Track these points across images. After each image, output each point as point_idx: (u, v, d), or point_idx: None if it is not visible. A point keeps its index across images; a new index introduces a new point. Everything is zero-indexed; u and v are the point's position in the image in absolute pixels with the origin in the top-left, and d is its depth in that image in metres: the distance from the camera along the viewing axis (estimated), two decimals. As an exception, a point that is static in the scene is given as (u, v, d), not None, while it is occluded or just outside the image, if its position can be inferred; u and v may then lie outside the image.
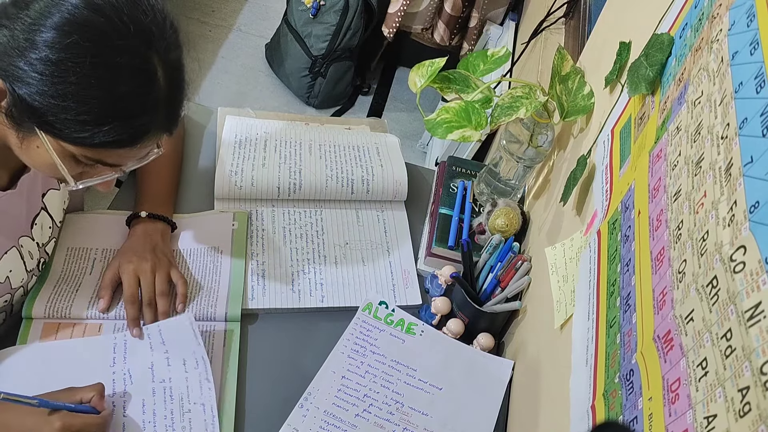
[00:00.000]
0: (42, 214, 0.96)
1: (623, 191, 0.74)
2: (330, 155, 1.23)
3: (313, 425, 0.92)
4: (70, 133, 0.71)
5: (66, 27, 0.66)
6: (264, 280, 1.08)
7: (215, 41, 2.81)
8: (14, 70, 0.68)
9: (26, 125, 0.72)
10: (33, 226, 0.94)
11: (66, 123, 0.70)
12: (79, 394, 0.84)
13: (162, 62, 0.73)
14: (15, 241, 0.90)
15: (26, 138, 0.74)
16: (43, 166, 0.77)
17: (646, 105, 0.75)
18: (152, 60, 0.72)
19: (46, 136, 0.72)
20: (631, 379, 0.60)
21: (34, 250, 0.95)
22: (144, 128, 0.75)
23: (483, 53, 1.08)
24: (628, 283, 0.66)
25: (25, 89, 0.68)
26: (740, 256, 0.46)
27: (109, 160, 0.77)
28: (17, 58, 0.67)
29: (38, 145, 0.74)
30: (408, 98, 2.80)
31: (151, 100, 0.73)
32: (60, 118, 0.69)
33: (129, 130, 0.74)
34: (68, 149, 0.74)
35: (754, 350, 0.42)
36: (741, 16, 0.56)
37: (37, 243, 0.95)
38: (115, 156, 0.77)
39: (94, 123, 0.70)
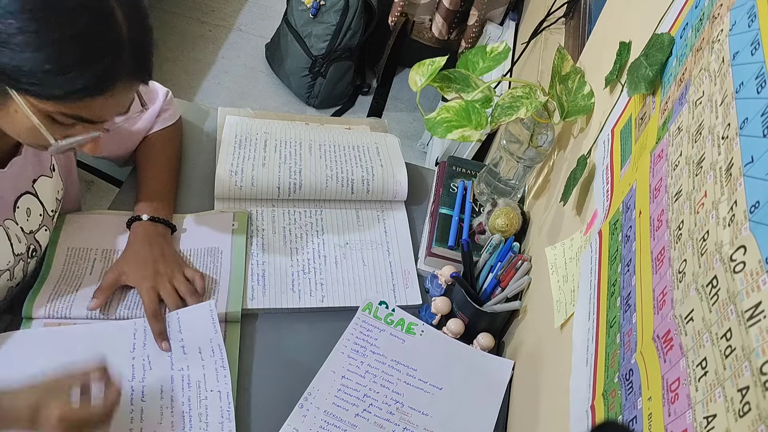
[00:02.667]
0: (28, 197, 0.95)
1: (624, 191, 0.74)
2: (330, 155, 1.23)
3: (313, 425, 0.92)
4: (39, 87, 0.71)
5: None
6: (264, 280, 1.08)
7: (215, 41, 2.81)
8: None
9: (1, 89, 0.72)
10: (15, 209, 0.93)
11: (32, 76, 0.70)
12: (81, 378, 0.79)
13: (118, 3, 0.73)
14: (1, 221, 0.90)
15: (4, 104, 0.74)
16: (24, 132, 0.77)
17: (646, 105, 0.75)
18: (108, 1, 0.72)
19: (20, 96, 0.72)
20: (630, 378, 0.60)
21: (20, 235, 0.94)
22: (109, 72, 0.74)
23: (482, 49, 1.07)
24: (629, 283, 0.66)
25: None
26: (740, 255, 0.46)
27: (87, 115, 0.77)
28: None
29: (16, 109, 0.74)
30: (408, 98, 2.80)
31: (111, 41, 0.73)
32: (26, 72, 0.69)
33: (95, 76, 0.73)
34: (44, 109, 0.74)
35: (753, 350, 0.42)
36: (742, 17, 0.56)
37: (21, 227, 0.94)
38: (91, 108, 0.76)
39: (58, 71, 0.70)
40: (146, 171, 1.12)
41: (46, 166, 0.99)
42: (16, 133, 0.79)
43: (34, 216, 0.97)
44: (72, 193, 1.11)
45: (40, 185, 0.98)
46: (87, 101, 0.75)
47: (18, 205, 0.93)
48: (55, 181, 1.02)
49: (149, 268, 0.99)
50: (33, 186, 0.96)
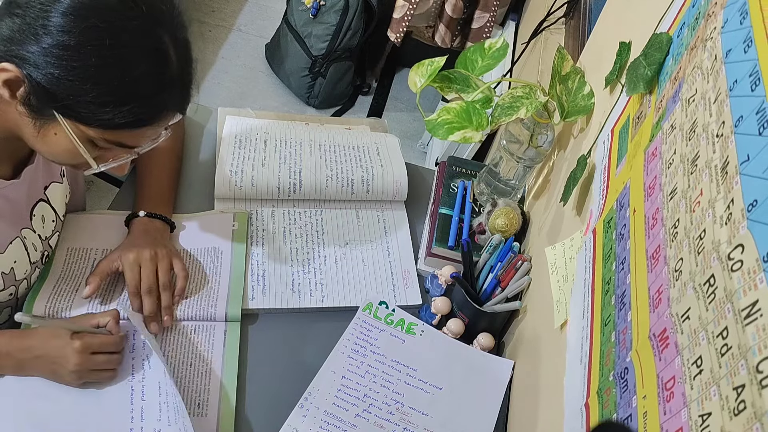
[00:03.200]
0: (42, 205, 0.96)
1: (619, 189, 0.74)
2: (330, 155, 1.23)
3: (313, 425, 0.92)
4: (92, 116, 0.73)
5: (80, 10, 0.68)
6: (264, 280, 1.08)
7: (215, 41, 2.82)
8: (30, 57, 0.68)
9: (45, 112, 0.73)
10: (32, 217, 0.94)
11: (87, 106, 0.71)
12: (96, 319, 0.90)
13: (172, 40, 0.75)
14: (18, 231, 0.91)
15: (44, 126, 0.75)
16: (61, 153, 0.79)
17: (643, 104, 0.75)
18: (164, 38, 0.74)
19: (66, 121, 0.73)
20: (625, 377, 0.60)
21: (37, 242, 0.96)
22: (162, 106, 0.77)
23: (480, 47, 1.07)
24: (623, 281, 0.66)
25: (43, 75, 0.69)
26: (738, 254, 0.46)
27: (127, 141, 0.79)
28: (33, 45, 0.68)
29: (56, 132, 0.75)
30: (408, 98, 2.81)
31: (166, 78, 0.76)
32: (81, 102, 0.71)
33: (148, 109, 0.76)
34: (87, 133, 0.75)
35: (750, 348, 0.42)
36: (734, 14, 0.56)
37: (38, 235, 0.96)
38: (134, 136, 0.79)
39: (115, 104, 0.72)
40: (146, 170, 1.13)
41: (56, 173, 1.00)
42: (52, 154, 0.81)
43: (48, 222, 0.99)
44: (78, 196, 1.12)
45: (52, 191, 0.99)
46: (135, 131, 0.78)
47: (34, 213, 0.95)
48: (64, 186, 1.03)
49: (136, 246, 1.00)
50: (45, 193, 0.97)
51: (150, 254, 0.98)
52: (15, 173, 0.90)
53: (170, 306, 0.99)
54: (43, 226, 0.97)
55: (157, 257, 0.99)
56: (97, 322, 0.90)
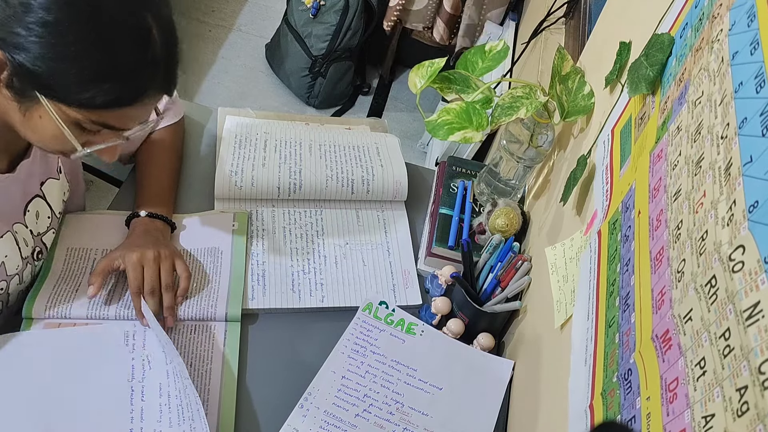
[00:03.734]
0: (37, 201, 0.96)
1: (624, 191, 0.74)
2: (330, 155, 1.23)
3: (313, 425, 0.92)
4: (73, 96, 0.72)
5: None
6: (264, 280, 1.08)
7: (215, 41, 2.81)
8: (12, 38, 0.68)
9: (28, 94, 0.72)
10: (26, 213, 0.94)
11: (68, 85, 0.71)
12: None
13: (155, 20, 0.74)
14: (10, 226, 0.91)
15: (29, 110, 0.75)
16: (48, 138, 0.78)
17: (646, 105, 0.75)
18: (146, 17, 0.73)
19: (50, 103, 0.73)
20: (629, 378, 0.60)
21: (28, 237, 0.95)
22: (143, 85, 0.77)
23: (481, 49, 1.07)
24: (628, 282, 0.66)
25: (25, 55, 0.68)
26: (739, 255, 0.46)
27: (113, 122, 0.78)
28: (14, 25, 0.68)
29: (41, 115, 0.75)
30: (408, 98, 2.80)
31: (148, 57, 0.75)
32: (61, 81, 0.70)
33: (129, 88, 0.75)
34: (71, 115, 0.75)
35: (752, 349, 0.42)
36: (741, 16, 0.56)
37: (30, 230, 0.95)
38: (119, 117, 0.78)
39: (95, 82, 0.71)
40: (147, 169, 1.12)
41: (53, 169, 0.99)
42: (39, 139, 0.80)
43: (43, 218, 0.98)
44: (78, 194, 1.12)
45: (48, 187, 0.98)
46: (117, 111, 0.77)
47: (28, 208, 0.94)
48: (61, 182, 1.02)
49: (139, 245, 0.99)
50: (41, 189, 0.97)
51: (153, 255, 0.98)
52: (10, 167, 0.90)
53: (173, 306, 0.98)
54: (37, 222, 0.96)
55: (160, 257, 0.98)
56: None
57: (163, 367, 0.93)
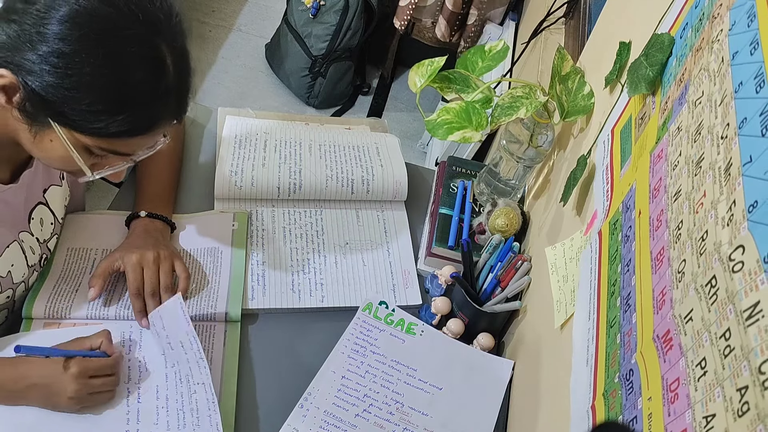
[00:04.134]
0: (40, 208, 0.96)
1: (624, 191, 0.74)
2: (330, 155, 1.23)
3: (313, 425, 0.92)
4: (86, 124, 0.72)
5: (77, 18, 0.67)
6: (264, 280, 1.08)
7: (215, 41, 2.81)
8: (26, 64, 0.68)
9: (40, 119, 0.73)
10: (30, 221, 0.94)
11: (81, 114, 0.71)
12: (88, 342, 0.88)
13: (170, 49, 0.74)
14: (16, 235, 0.91)
15: (39, 132, 0.75)
16: (57, 160, 0.78)
17: (646, 105, 0.75)
18: (161, 48, 0.73)
19: (61, 129, 0.73)
20: (630, 378, 0.60)
21: (35, 246, 0.95)
22: (157, 116, 0.77)
23: (481, 49, 1.07)
24: (629, 283, 0.66)
25: (38, 82, 0.68)
26: (739, 255, 0.46)
27: (122, 150, 0.79)
28: (29, 52, 0.68)
29: (52, 139, 0.75)
30: (408, 98, 2.80)
31: (162, 88, 0.75)
32: (75, 110, 0.70)
33: (143, 118, 0.75)
34: (82, 141, 0.75)
35: (752, 350, 0.42)
36: (741, 17, 0.56)
37: (36, 238, 0.95)
38: (128, 145, 0.79)
39: (109, 112, 0.72)
40: (147, 169, 1.12)
41: (56, 176, 1.00)
42: (47, 160, 0.80)
43: (47, 225, 0.98)
44: (78, 198, 1.12)
45: (51, 194, 0.98)
46: (129, 140, 0.77)
47: (32, 216, 0.94)
48: (64, 189, 1.03)
49: (138, 246, 0.99)
50: (44, 196, 0.97)
51: (152, 256, 0.98)
52: (13, 177, 0.90)
53: None
54: (42, 229, 0.97)
55: (159, 259, 0.98)
56: (89, 344, 0.88)
57: (161, 370, 0.93)
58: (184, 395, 0.91)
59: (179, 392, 0.91)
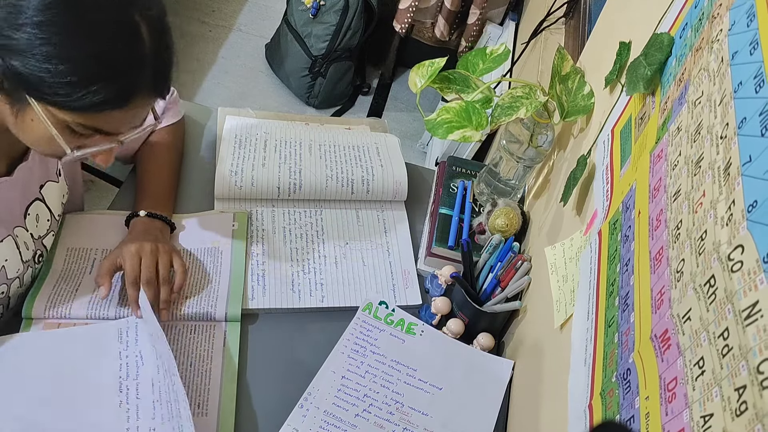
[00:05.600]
0: (37, 204, 0.96)
1: (624, 191, 0.74)
2: (330, 155, 1.23)
3: (313, 425, 0.92)
4: (60, 98, 0.71)
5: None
6: (264, 280, 1.08)
7: (215, 41, 2.81)
8: (3, 40, 0.68)
9: (19, 96, 0.72)
10: (26, 216, 0.94)
11: (55, 87, 0.70)
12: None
13: (144, 19, 0.73)
14: (10, 230, 0.91)
15: (21, 112, 0.74)
16: (40, 140, 0.78)
17: (646, 105, 0.75)
18: (134, 17, 0.72)
19: (39, 105, 0.73)
20: (628, 378, 0.60)
21: (29, 241, 0.95)
22: (132, 86, 0.75)
23: (482, 51, 1.07)
24: (627, 282, 0.66)
25: (14, 58, 0.68)
26: (738, 255, 0.46)
27: (104, 127, 0.77)
28: (5, 28, 0.67)
29: (32, 118, 0.74)
30: (408, 98, 2.81)
31: (136, 57, 0.74)
32: (49, 83, 0.70)
33: (117, 90, 0.74)
34: (62, 118, 0.74)
35: (750, 349, 0.42)
36: (741, 16, 0.56)
37: (31, 234, 0.95)
38: (109, 121, 0.77)
39: (82, 83, 0.70)
40: (147, 169, 1.12)
41: (52, 171, 0.99)
42: (31, 141, 0.80)
43: (42, 222, 0.98)
44: (76, 196, 1.12)
45: (47, 190, 0.98)
46: (106, 114, 0.75)
47: (29, 212, 0.94)
48: (61, 185, 1.02)
49: (140, 242, 0.99)
50: (40, 192, 0.97)
51: (151, 248, 0.98)
52: (9, 171, 0.90)
53: (168, 300, 0.98)
54: (37, 225, 0.97)
55: (158, 251, 0.99)
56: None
57: (153, 362, 0.93)
58: (169, 387, 0.90)
59: (167, 383, 0.91)
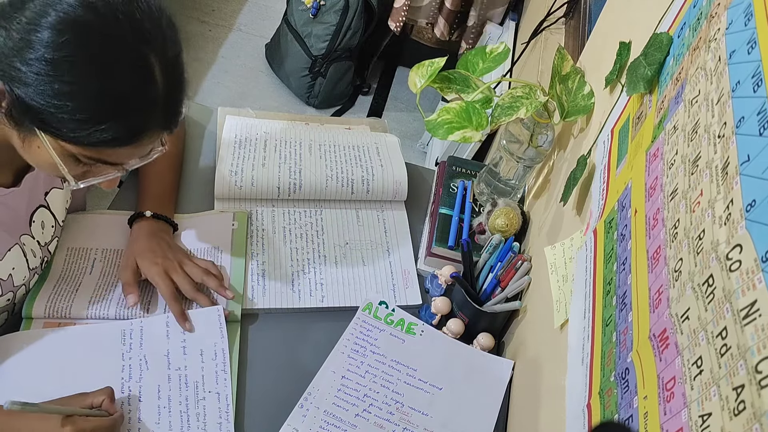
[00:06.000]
0: (41, 211, 0.96)
1: (620, 190, 0.74)
2: (330, 155, 1.23)
3: (313, 425, 0.92)
4: (68, 133, 0.71)
5: (60, 26, 0.66)
6: (264, 280, 1.08)
7: (215, 41, 2.82)
8: (12, 71, 0.68)
9: (26, 125, 0.72)
10: (32, 224, 0.94)
11: (63, 122, 0.70)
12: (90, 399, 0.84)
13: (159, 59, 0.72)
14: (17, 238, 0.91)
15: (27, 138, 0.74)
16: (45, 166, 0.78)
17: (644, 104, 0.75)
18: (149, 57, 0.71)
19: (46, 136, 0.72)
20: (626, 377, 0.60)
21: (36, 248, 0.95)
22: (142, 126, 0.75)
23: (482, 50, 1.07)
24: (624, 281, 0.66)
25: (23, 90, 0.68)
26: (736, 254, 0.46)
27: (110, 159, 0.77)
28: (14, 59, 0.67)
29: (39, 146, 0.74)
30: (408, 98, 2.81)
31: (148, 98, 0.73)
32: (57, 118, 0.69)
33: (127, 128, 0.73)
34: (68, 149, 0.74)
35: (749, 349, 0.42)
36: (738, 15, 0.56)
37: (37, 241, 0.96)
38: (115, 155, 0.77)
39: (91, 122, 0.70)
40: (149, 170, 1.12)
41: (57, 179, 0.99)
42: (36, 164, 0.80)
43: (48, 228, 0.98)
44: (79, 198, 1.12)
45: (52, 197, 0.99)
46: (114, 149, 0.76)
47: (33, 219, 0.94)
48: (65, 192, 1.03)
49: (158, 256, 1.00)
50: (45, 199, 0.97)
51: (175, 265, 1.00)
52: (15, 181, 0.90)
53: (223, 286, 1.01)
54: (43, 232, 0.97)
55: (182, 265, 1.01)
56: (90, 402, 0.84)
57: (164, 371, 0.93)
58: (190, 400, 0.91)
59: (183, 396, 0.91)
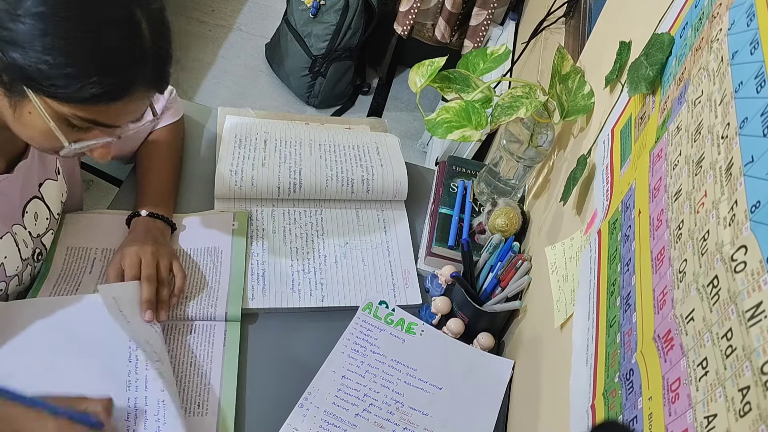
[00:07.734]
0: (35, 202, 0.96)
1: (624, 191, 0.74)
2: (330, 155, 1.23)
3: (313, 425, 0.92)
4: (59, 89, 0.71)
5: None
6: (264, 280, 1.08)
7: (215, 41, 2.81)
8: (2, 32, 0.68)
9: (17, 88, 0.72)
10: (24, 214, 0.94)
11: (53, 78, 0.70)
12: (85, 404, 0.81)
13: (145, 14, 0.74)
14: (9, 227, 0.90)
15: (19, 105, 0.74)
16: (38, 134, 0.78)
17: (646, 105, 0.75)
18: (135, 12, 0.73)
19: (37, 98, 0.73)
20: (631, 378, 0.60)
21: (28, 239, 0.95)
22: (131, 79, 0.75)
23: (482, 51, 1.07)
24: (629, 282, 0.66)
25: (13, 49, 0.68)
26: (741, 255, 0.46)
27: (102, 119, 0.77)
28: (5, 19, 0.67)
29: (30, 111, 0.74)
30: (408, 98, 2.80)
31: (136, 51, 0.74)
32: (47, 74, 0.70)
33: (116, 82, 0.74)
34: (60, 111, 0.74)
35: (754, 350, 0.42)
36: (741, 16, 0.56)
37: (29, 232, 0.95)
38: (107, 113, 0.77)
39: (81, 76, 0.71)
40: (148, 169, 1.12)
41: (51, 170, 0.99)
42: (29, 135, 0.80)
43: (41, 220, 0.98)
44: (76, 195, 1.11)
45: (46, 189, 0.98)
46: (104, 106, 0.75)
47: (26, 209, 0.94)
48: (60, 184, 1.02)
49: (140, 243, 0.99)
50: (39, 190, 0.97)
51: (152, 249, 0.98)
52: (8, 168, 0.90)
53: (167, 301, 0.98)
54: (36, 224, 0.96)
55: (158, 253, 0.99)
56: (85, 407, 0.80)
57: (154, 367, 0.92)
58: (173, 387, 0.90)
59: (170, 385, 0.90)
